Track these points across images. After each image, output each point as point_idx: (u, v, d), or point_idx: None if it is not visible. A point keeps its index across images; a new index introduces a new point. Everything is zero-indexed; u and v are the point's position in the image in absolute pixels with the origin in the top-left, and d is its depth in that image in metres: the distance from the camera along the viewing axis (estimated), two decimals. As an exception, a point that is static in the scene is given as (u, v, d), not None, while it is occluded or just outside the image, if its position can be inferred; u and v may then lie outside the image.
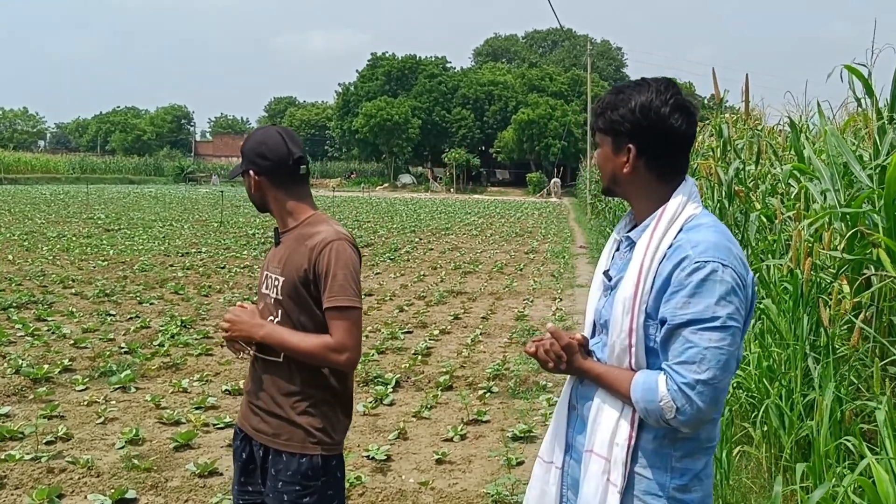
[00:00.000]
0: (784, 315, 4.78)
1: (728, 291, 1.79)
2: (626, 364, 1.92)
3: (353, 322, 2.41)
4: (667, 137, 1.93)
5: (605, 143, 2.00)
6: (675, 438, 1.89)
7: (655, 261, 1.87)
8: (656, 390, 1.80)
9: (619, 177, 1.99)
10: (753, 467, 4.53)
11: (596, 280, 2.13)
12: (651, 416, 1.84)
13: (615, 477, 1.88)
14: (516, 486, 4.57)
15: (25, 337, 8.13)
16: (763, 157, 7.60)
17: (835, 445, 3.69)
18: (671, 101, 1.91)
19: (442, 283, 12.93)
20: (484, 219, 30.23)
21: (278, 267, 2.51)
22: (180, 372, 7.08)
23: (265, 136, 2.54)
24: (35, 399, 6.14)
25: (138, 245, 17.23)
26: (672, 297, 1.82)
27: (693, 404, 1.77)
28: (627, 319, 1.88)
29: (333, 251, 2.41)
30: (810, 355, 4.35)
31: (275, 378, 2.50)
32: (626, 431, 1.89)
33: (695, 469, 1.91)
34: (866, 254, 4.66)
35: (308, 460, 2.45)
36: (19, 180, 57.07)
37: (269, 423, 2.50)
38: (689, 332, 1.78)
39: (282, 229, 2.58)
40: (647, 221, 1.96)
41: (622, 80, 21.08)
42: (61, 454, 5.02)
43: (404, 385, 6.84)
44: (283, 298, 2.47)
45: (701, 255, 1.81)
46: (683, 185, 1.98)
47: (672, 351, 1.81)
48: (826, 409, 3.68)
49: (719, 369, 1.77)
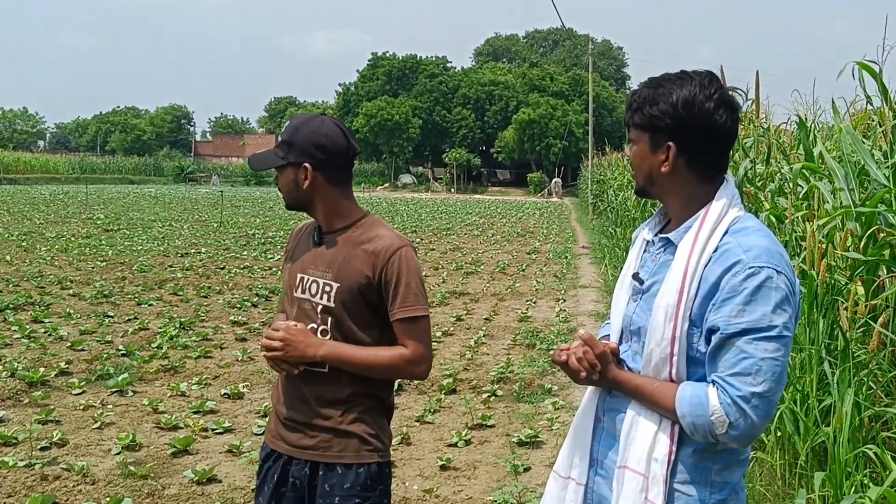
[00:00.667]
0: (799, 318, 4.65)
1: (783, 299, 1.69)
2: (664, 374, 1.80)
3: (427, 331, 2.34)
4: (710, 134, 1.81)
5: (642, 140, 1.87)
6: (715, 451, 1.79)
7: (701, 264, 1.76)
8: (707, 404, 1.70)
9: (656, 176, 1.88)
10: (767, 474, 4.41)
11: (624, 283, 2.00)
12: (699, 432, 1.73)
13: (654, 495, 1.77)
14: (523, 493, 4.45)
15: (21, 339, 8.01)
16: (772, 156, 7.48)
17: (854, 456, 3.56)
18: (716, 95, 1.80)
19: (444, 284, 12.81)
20: (485, 219, 30.11)
21: (327, 271, 2.33)
22: (179, 375, 6.95)
23: (324, 126, 2.33)
24: (30, 403, 6.02)
25: (137, 245, 17.10)
26: (725, 305, 1.70)
27: (748, 418, 1.66)
28: (670, 327, 1.77)
29: (403, 259, 2.29)
30: (826, 359, 4.22)
31: (319, 389, 2.33)
32: (667, 446, 1.78)
33: (732, 482, 1.82)
34: (882, 254, 4.54)
35: (366, 469, 2.32)
36: (19, 180, 56.93)
37: (316, 437, 2.33)
38: (743, 342, 1.68)
39: (326, 229, 2.38)
40: (689, 222, 1.84)
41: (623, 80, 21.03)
42: (56, 460, 4.89)
43: (407, 388, 6.72)
44: (336, 305, 2.30)
45: (755, 260, 1.70)
46: (725, 185, 1.86)
47: (724, 362, 1.70)
48: (846, 416, 3.55)
49: (774, 381, 1.67)
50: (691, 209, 1.86)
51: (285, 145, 2.33)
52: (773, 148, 7.41)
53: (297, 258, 2.43)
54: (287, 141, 2.33)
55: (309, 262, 2.38)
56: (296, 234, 2.55)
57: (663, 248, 1.90)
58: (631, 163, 1.95)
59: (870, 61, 5.41)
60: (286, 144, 2.33)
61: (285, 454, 2.38)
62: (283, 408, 2.40)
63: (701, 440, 1.75)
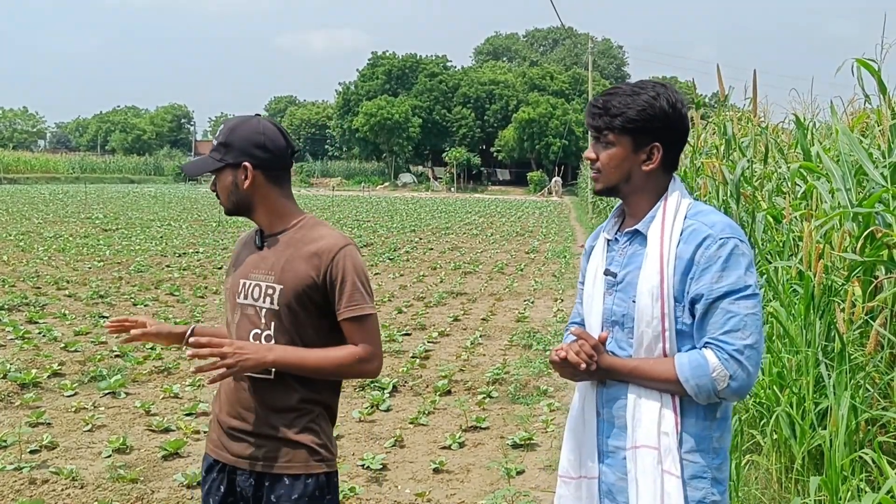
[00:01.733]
0: (794, 319, 4.60)
1: (750, 263, 1.93)
2: (658, 351, 1.95)
3: (376, 328, 2.31)
4: (683, 134, 2.06)
5: (623, 143, 2.01)
6: (714, 419, 1.97)
7: (673, 245, 1.95)
8: (707, 365, 1.87)
9: (635, 174, 2.03)
10: (762, 477, 4.35)
11: (596, 282, 2.12)
12: (703, 392, 1.89)
13: (669, 465, 1.91)
14: (516, 497, 4.40)
15: (15, 340, 7.96)
16: (769, 156, 7.42)
17: (849, 461, 3.51)
18: (683, 100, 2.03)
19: (441, 284, 12.75)
20: (484, 218, 30.05)
21: (269, 274, 2.27)
22: (172, 376, 6.91)
23: (261, 125, 2.28)
24: (21, 405, 5.97)
25: (135, 245, 17.06)
26: (704, 274, 1.90)
27: (744, 368, 1.86)
28: (658, 306, 1.93)
29: (347, 258, 2.25)
30: (822, 361, 4.17)
31: (266, 397, 2.26)
32: (672, 419, 1.93)
33: (726, 447, 2.02)
34: (879, 255, 4.49)
35: (314, 480, 2.25)
36: (19, 180, 56.89)
37: (263, 447, 2.25)
38: (726, 303, 1.88)
39: (268, 231, 2.33)
40: (651, 213, 2.02)
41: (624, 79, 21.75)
42: (45, 464, 4.85)
43: (401, 390, 6.67)
44: (281, 308, 2.24)
45: (721, 232, 1.91)
46: (674, 178, 2.07)
47: (713, 324, 1.89)
48: (842, 419, 3.50)
49: (759, 333, 1.89)
50: (652, 202, 2.04)
51: (222, 147, 2.27)
52: (771, 147, 7.36)
53: (240, 264, 2.37)
54: (224, 142, 2.27)
55: (251, 267, 2.32)
56: (239, 243, 2.47)
57: (629, 241, 2.06)
58: (600, 164, 2.06)
59: (869, 59, 5.36)
60: (223, 146, 2.27)
61: (229, 464, 2.31)
62: (227, 417, 2.31)
63: (704, 401, 1.92)
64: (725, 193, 7.20)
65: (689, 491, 1.93)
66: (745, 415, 4.83)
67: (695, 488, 1.93)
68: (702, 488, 1.93)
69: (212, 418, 2.42)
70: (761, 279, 5.82)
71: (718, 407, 1.97)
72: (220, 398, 2.37)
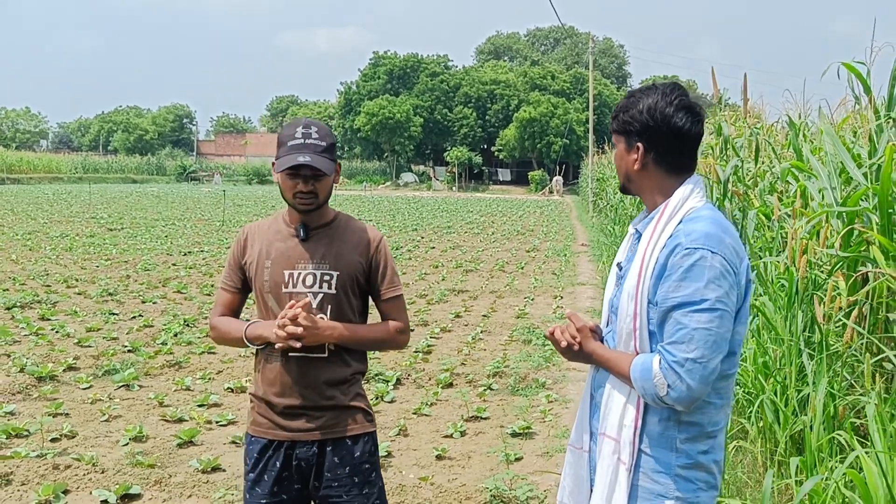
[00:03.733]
0: (780, 312, 4.83)
1: (717, 276, 1.94)
2: (631, 347, 2.08)
3: (405, 305, 2.73)
4: (671, 135, 2.10)
5: (620, 142, 2.18)
6: (680, 422, 2.05)
7: (657, 250, 2.03)
8: (651, 370, 1.97)
9: (631, 174, 2.18)
10: (749, 462, 4.58)
11: (611, 271, 2.31)
12: (647, 395, 2.00)
13: (625, 456, 2.07)
14: (514, 480, 4.63)
15: (30, 336, 8.20)
16: (762, 155, 7.65)
17: (828, 440, 3.74)
18: (675, 101, 2.09)
19: (443, 282, 12.98)
20: (486, 217, 30.28)
21: (322, 262, 2.54)
22: (183, 370, 7.14)
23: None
24: (40, 397, 6.21)
25: (141, 244, 17.30)
26: (665, 282, 1.99)
27: (683, 381, 1.93)
28: (632, 305, 2.05)
29: (385, 246, 2.67)
30: (805, 351, 4.40)
31: (322, 373, 2.54)
32: (633, 414, 2.07)
33: (699, 451, 2.06)
34: (861, 251, 4.71)
35: (370, 437, 2.63)
36: (22, 180, 57.17)
37: (322, 417, 2.54)
38: (679, 314, 1.95)
39: (315, 224, 2.59)
40: (652, 214, 2.14)
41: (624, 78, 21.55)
42: (66, 451, 5.08)
43: (405, 383, 6.91)
44: (338, 293, 2.55)
45: (692, 242, 1.97)
46: (688, 181, 2.13)
47: (665, 332, 1.98)
48: (819, 404, 3.73)
49: (707, 349, 1.92)
50: (658, 203, 2.14)
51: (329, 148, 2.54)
52: (763, 147, 7.58)
53: (279, 257, 2.57)
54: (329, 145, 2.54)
55: (295, 257, 2.55)
56: (251, 235, 2.67)
57: (637, 238, 2.19)
58: (615, 164, 2.26)
59: (858, 62, 5.58)
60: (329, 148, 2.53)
61: (286, 440, 2.54)
62: (280, 399, 2.54)
63: (651, 404, 2.03)
64: (719, 192, 7.42)
65: (647, 483, 2.05)
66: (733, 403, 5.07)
67: (654, 481, 2.05)
68: (663, 483, 2.04)
69: (254, 406, 2.63)
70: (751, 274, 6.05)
71: (682, 412, 2.02)
72: (266, 386, 2.57)
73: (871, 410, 3.35)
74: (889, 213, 4.45)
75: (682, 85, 2.17)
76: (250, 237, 2.67)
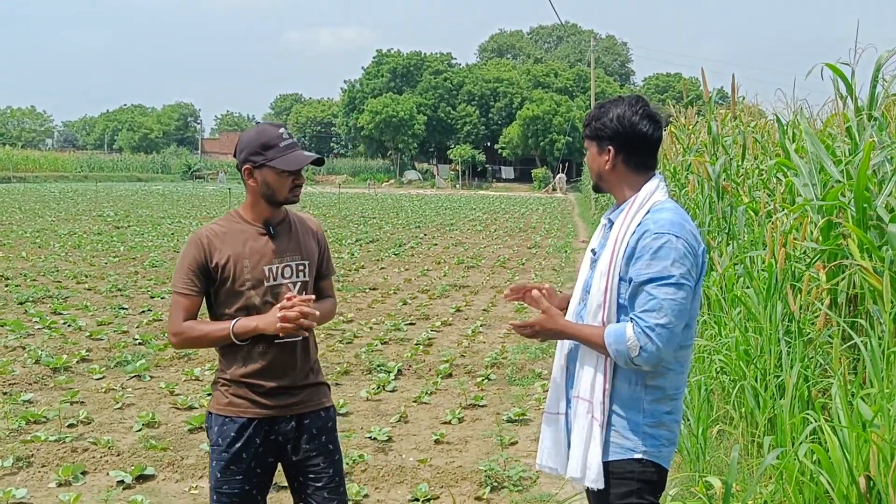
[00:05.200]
0: (761, 302, 5.07)
1: (681, 256, 2.31)
2: (600, 316, 2.41)
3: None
4: (636, 139, 2.46)
5: (592, 146, 2.53)
6: (646, 385, 2.38)
7: (627, 235, 2.38)
8: (625, 334, 2.30)
9: (602, 173, 2.52)
10: (731, 444, 4.82)
11: (586, 257, 2.63)
12: (621, 357, 2.32)
13: (597, 414, 2.39)
14: (508, 462, 4.88)
15: (43, 329, 8.48)
16: (751, 153, 7.88)
17: (801, 420, 3.98)
18: (640, 111, 2.45)
19: (445, 277, 13.24)
20: (488, 214, 30.52)
21: (296, 253, 2.82)
22: (192, 361, 7.41)
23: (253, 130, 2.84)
24: (55, 387, 6.48)
25: (148, 241, 17.59)
26: (637, 261, 2.33)
27: (653, 343, 2.26)
28: (604, 280, 2.40)
29: (323, 233, 3.00)
30: (783, 339, 4.64)
31: (303, 354, 2.83)
32: (602, 378, 2.40)
33: (663, 411, 2.41)
34: (838, 244, 4.94)
35: (333, 408, 2.98)
36: (28, 178, 57.56)
37: (302, 393, 2.84)
38: (650, 287, 2.30)
39: (276, 221, 2.83)
40: (622, 205, 2.48)
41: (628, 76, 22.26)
42: (83, 436, 5.35)
43: (406, 373, 7.16)
44: (309, 279, 2.87)
45: (659, 228, 2.33)
46: (652, 178, 2.50)
47: (637, 303, 2.32)
48: (790, 387, 3.98)
49: (674, 316, 2.28)
50: (628, 196, 2.49)
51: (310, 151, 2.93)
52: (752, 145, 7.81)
53: (254, 255, 2.77)
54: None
55: (269, 253, 2.78)
56: (213, 240, 2.82)
57: (609, 227, 2.53)
58: (587, 165, 2.62)
59: (843, 63, 5.82)
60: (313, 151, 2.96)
61: (265, 418, 2.78)
62: (268, 381, 2.76)
63: (623, 365, 2.35)
64: (709, 189, 7.66)
65: (618, 439, 2.39)
66: (720, 390, 5.32)
67: (625, 437, 2.38)
68: (632, 439, 2.38)
69: (227, 389, 2.80)
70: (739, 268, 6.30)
71: (649, 376, 2.36)
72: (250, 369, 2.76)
73: (835, 389, 3.59)
74: (864, 209, 4.68)
75: (644, 97, 2.55)
76: (213, 241, 2.80)
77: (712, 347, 5.55)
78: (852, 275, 4.56)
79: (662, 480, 2.46)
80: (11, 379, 6.57)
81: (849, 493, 3.16)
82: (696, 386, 4.89)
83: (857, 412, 3.47)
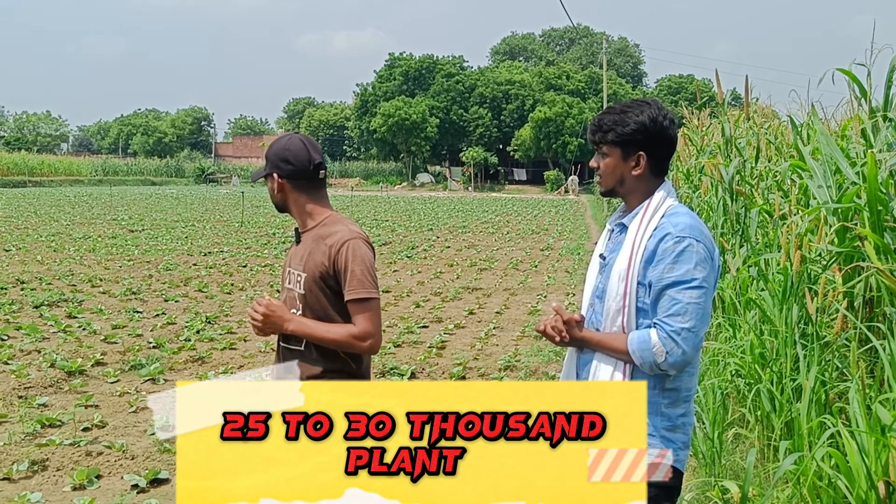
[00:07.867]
0: (777, 305, 5.04)
1: (702, 260, 2.31)
2: (619, 322, 2.38)
3: (373, 311, 2.74)
4: (667, 144, 2.49)
5: (613, 153, 2.48)
6: (663, 389, 2.37)
7: (644, 239, 2.37)
8: (650, 340, 2.29)
9: (627, 179, 2.49)
10: (747, 448, 4.78)
11: (593, 262, 2.63)
12: (646, 363, 2.30)
13: None
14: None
15: (58, 333, 8.53)
16: (765, 154, 7.83)
17: (818, 424, 3.94)
18: (668, 115, 2.47)
19: (458, 280, 13.22)
20: (501, 217, 30.49)
21: (300, 264, 2.82)
22: (206, 365, 7.43)
23: (289, 142, 2.84)
24: (70, 390, 6.51)
25: (162, 245, 17.66)
26: (659, 265, 2.32)
27: (679, 347, 2.26)
28: (622, 285, 2.37)
29: (350, 249, 2.72)
30: (799, 342, 4.60)
31: (305, 363, 2.78)
32: (620, 379, 2.36)
33: (678, 414, 2.40)
34: (854, 246, 4.90)
35: None
36: (43, 182, 57.98)
37: None
38: (673, 291, 2.29)
39: (302, 229, 2.89)
40: (636, 210, 2.46)
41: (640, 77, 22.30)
42: (97, 440, 5.37)
43: (419, 376, 7.15)
44: (306, 293, 2.78)
45: (681, 232, 2.33)
46: (665, 182, 2.51)
47: (661, 308, 2.31)
48: (807, 390, 3.94)
49: (698, 320, 2.28)
50: (641, 201, 2.48)
51: (265, 160, 2.91)
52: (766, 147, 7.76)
53: (289, 255, 2.96)
54: (265, 156, 2.91)
55: (291, 258, 2.90)
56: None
57: (620, 231, 2.53)
58: (600, 171, 2.56)
59: (859, 64, 5.77)
60: (265, 159, 2.90)
61: None
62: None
63: (648, 371, 2.32)
64: (723, 191, 7.62)
65: None
66: (735, 393, 5.28)
67: None
68: (650, 444, 2.30)
69: None
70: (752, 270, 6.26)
71: (667, 379, 2.35)
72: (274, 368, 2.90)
73: (853, 393, 3.56)
74: (879, 211, 4.64)
75: (657, 100, 2.54)
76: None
77: (727, 350, 5.51)
78: (869, 277, 4.52)
79: (679, 484, 2.44)
80: (27, 382, 6.61)
81: (868, 499, 3.13)
82: (710, 389, 4.86)
83: (875, 416, 3.43)
